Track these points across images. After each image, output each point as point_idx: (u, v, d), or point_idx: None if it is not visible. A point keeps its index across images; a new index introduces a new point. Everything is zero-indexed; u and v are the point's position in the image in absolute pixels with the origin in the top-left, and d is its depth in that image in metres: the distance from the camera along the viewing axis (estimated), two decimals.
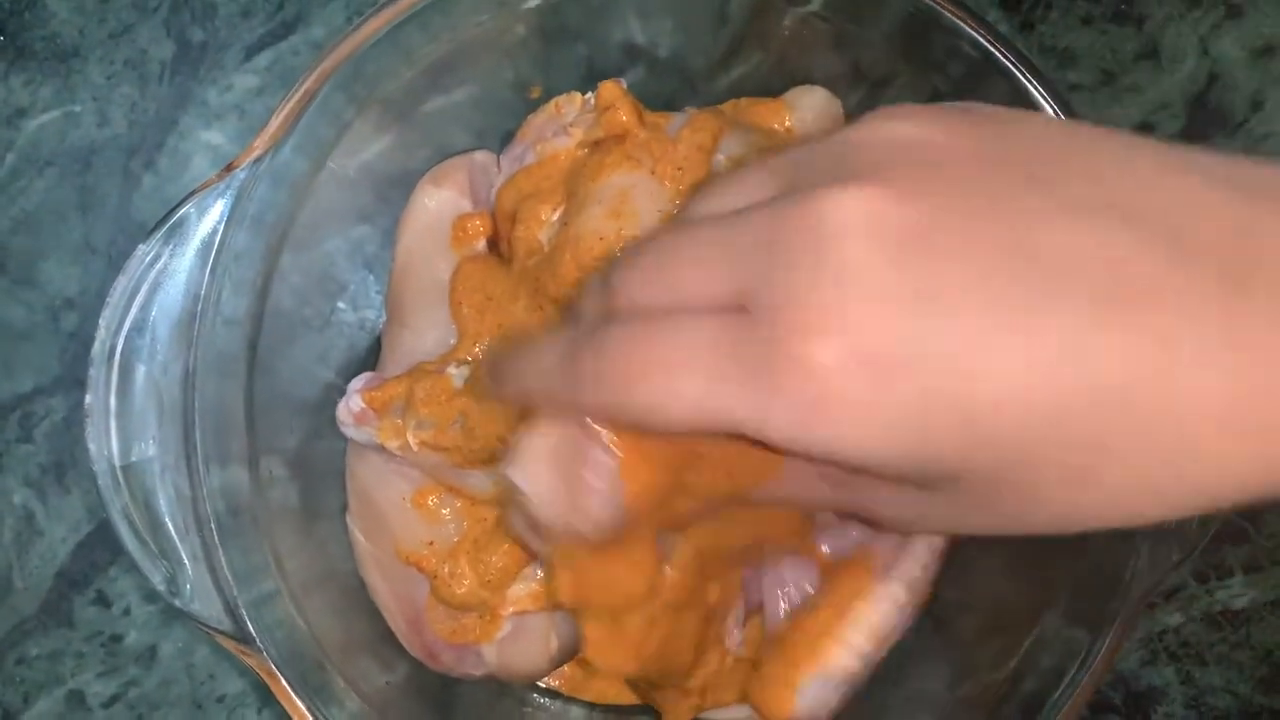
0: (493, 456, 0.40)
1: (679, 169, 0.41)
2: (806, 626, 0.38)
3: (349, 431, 0.43)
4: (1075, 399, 0.21)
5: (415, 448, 0.41)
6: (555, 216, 0.44)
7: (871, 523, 0.29)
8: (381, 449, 0.42)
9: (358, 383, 0.43)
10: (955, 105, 0.25)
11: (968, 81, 0.44)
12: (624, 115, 0.43)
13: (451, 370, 0.41)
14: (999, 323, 0.21)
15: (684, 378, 0.24)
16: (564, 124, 0.46)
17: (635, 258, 0.27)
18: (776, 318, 0.23)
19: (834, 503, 0.28)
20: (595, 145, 0.44)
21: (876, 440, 0.23)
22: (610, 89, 0.45)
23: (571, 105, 0.47)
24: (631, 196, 0.41)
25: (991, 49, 0.42)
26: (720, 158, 0.42)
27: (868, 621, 0.37)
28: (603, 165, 0.42)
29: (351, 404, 0.42)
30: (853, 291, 0.22)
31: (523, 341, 0.29)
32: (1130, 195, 0.22)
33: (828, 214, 0.22)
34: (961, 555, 0.49)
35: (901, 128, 0.24)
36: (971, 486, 0.24)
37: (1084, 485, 0.23)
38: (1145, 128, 0.58)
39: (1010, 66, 0.42)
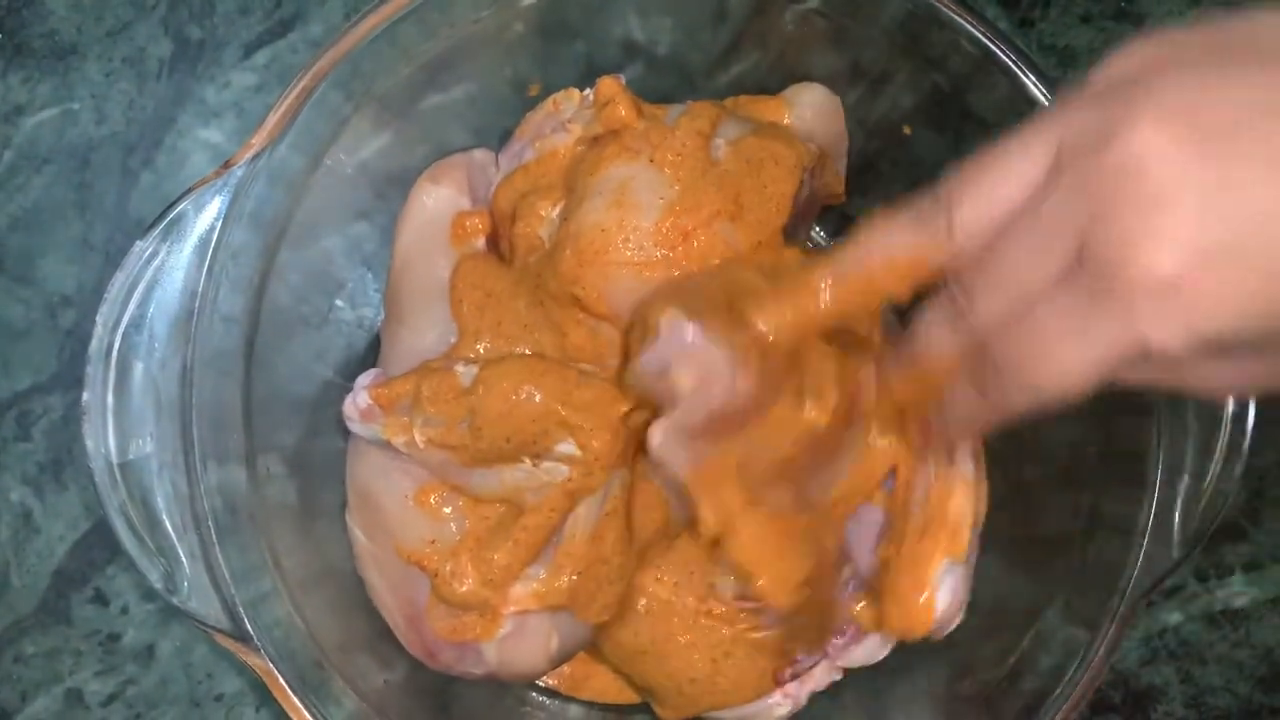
0: (499, 456, 0.40)
1: (677, 155, 0.41)
2: (905, 543, 0.41)
3: (355, 427, 0.43)
4: None
5: (422, 445, 0.41)
6: (555, 213, 0.44)
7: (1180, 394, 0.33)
8: (387, 446, 0.42)
9: (365, 379, 0.43)
10: (1174, 29, 0.29)
11: (967, 79, 0.44)
12: (622, 110, 0.43)
13: (460, 369, 0.41)
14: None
15: (1067, 351, 0.28)
16: (562, 120, 0.46)
17: (980, 281, 0.30)
18: (1118, 257, 0.26)
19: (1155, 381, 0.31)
20: (594, 141, 0.44)
21: (1237, 311, 0.26)
22: (608, 84, 0.44)
23: (570, 102, 0.47)
24: (631, 187, 0.41)
25: (991, 46, 0.42)
26: (719, 142, 0.42)
27: (955, 508, 0.40)
28: (601, 158, 0.42)
29: (359, 400, 0.42)
30: (1175, 207, 0.25)
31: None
32: None
33: (1122, 154, 0.26)
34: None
35: (1139, 54, 0.28)
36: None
37: None
38: None
39: (1010, 64, 0.42)
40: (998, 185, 0.30)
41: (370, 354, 0.48)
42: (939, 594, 0.41)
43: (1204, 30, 0.28)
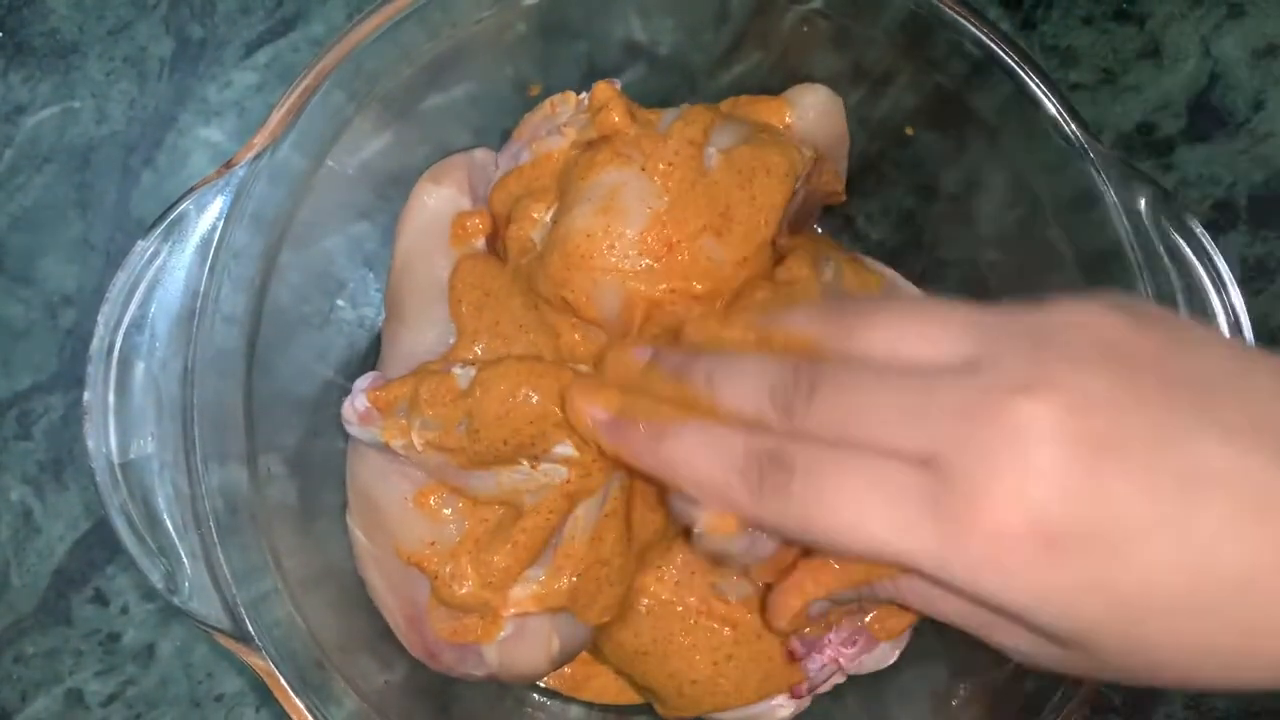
0: (497, 458, 0.40)
1: (669, 165, 0.41)
2: None
3: (353, 430, 0.43)
4: (1207, 584, 0.26)
5: (420, 448, 0.41)
6: (548, 216, 0.44)
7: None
8: (385, 448, 0.42)
9: (363, 382, 0.43)
10: (1139, 304, 0.31)
11: (969, 80, 0.44)
12: (616, 116, 0.43)
13: (457, 371, 0.41)
14: (1159, 518, 0.26)
15: (875, 515, 0.28)
16: (558, 124, 0.46)
17: (821, 387, 0.30)
18: (969, 486, 0.27)
19: (966, 625, 0.32)
20: (588, 145, 0.44)
21: (1036, 602, 0.27)
22: (603, 90, 0.44)
23: (566, 105, 0.47)
24: (621, 194, 0.41)
25: (993, 47, 0.42)
26: (711, 151, 0.42)
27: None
28: (593, 163, 0.42)
29: (357, 403, 0.42)
30: (1041, 484, 0.26)
31: (701, 424, 0.33)
32: (1272, 419, 0.27)
33: (1025, 418, 0.27)
34: None
35: (1096, 319, 0.29)
36: (1102, 650, 0.28)
37: (1206, 656, 0.27)
38: (1146, 127, 0.58)
39: (1012, 65, 0.42)
40: (913, 338, 0.30)
41: (371, 354, 0.48)
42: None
43: (1165, 333, 0.29)
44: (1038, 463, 0.26)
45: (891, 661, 0.47)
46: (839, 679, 0.46)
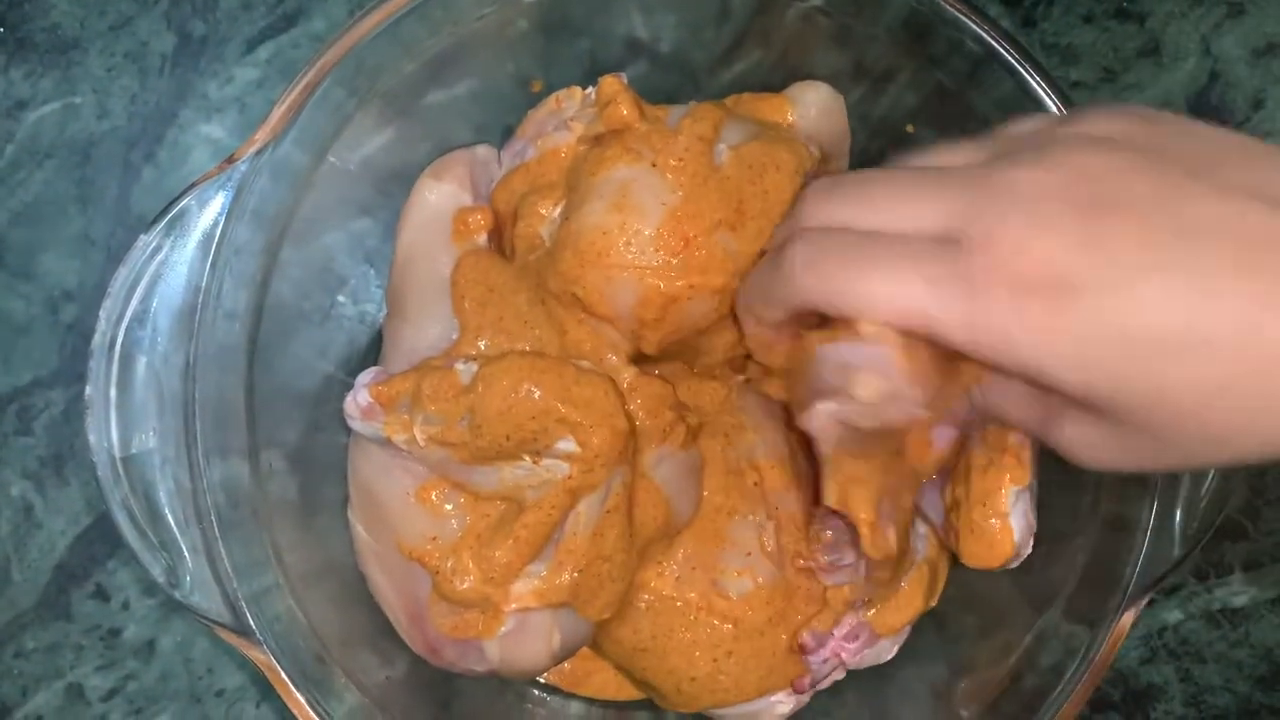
0: (500, 453, 0.40)
1: (680, 160, 0.41)
2: (973, 481, 0.42)
3: (356, 425, 0.43)
4: (1205, 322, 0.27)
5: (422, 443, 0.41)
6: (556, 212, 0.44)
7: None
8: (387, 443, 0.42)
9: (365, 377, 0.43)
10: (1140, 108, 0.32)
11: (970, 78, 0.44)
12: (624, 110, 0.43)
13: (460, 366, 0.41)
14: (1157, 263, 0.28)
15: (899, 277, 0.31)
16: (564, 119, 0.46)
17: (841, 186, 0.35)
18: (983, 247, 0.29)
19: (1028, 424, 0.35)
20: (596, 140, 0.44)
21: (1055, 356, 0.29)
22: (610, 84, 0.44)
23: (571, 100, 0.47)
24: (633, 190, 0.41)
25: (994, 45, 0.42)
26: (722, 147, 0.42)
27: (1015, 437, 0.41)
28: (603, 159, 0.42)
29: (359, 398, 0.42)
30: (1046, 235, 0.29)
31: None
32: (1273, 183, 0.28)
33: (1031, 182, 0.30)
34: None
35: (1093, 124, 0.31)
36: (1131, 409, 0.29)
37: (1220, 396, 0.28)
38: None
39: (1013, 62, 0.42)
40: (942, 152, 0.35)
41: (373, 350, 0.48)
42: (1014, 520, 0.42)
43: (1172, 124, 0.31)
44: (1042, 217, 0.29)
45: (890, 657, 0.47)
46: (839, 675, 0.46)
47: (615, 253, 0.41)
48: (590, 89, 0.47)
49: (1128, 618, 0.41)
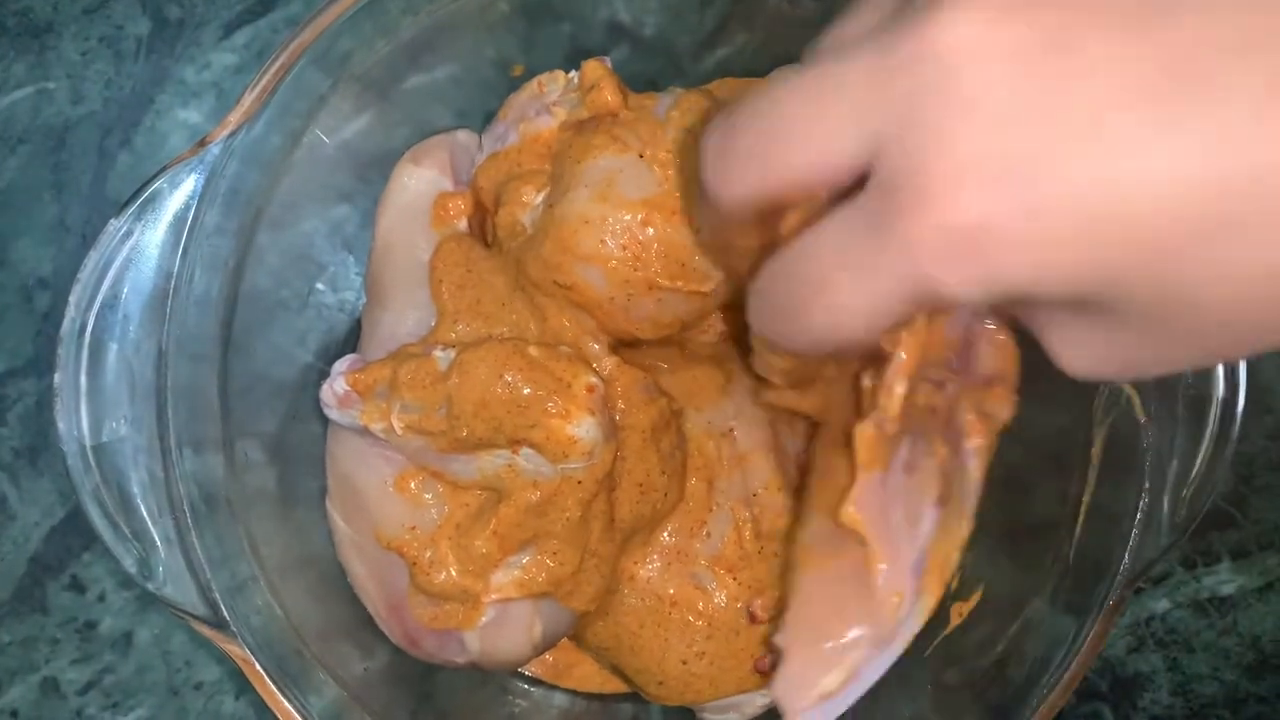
0: (478, 443, 0.40)
1: (668, 152, 0.41)
2: None
3: (332, 414, 0.42)
4: (1234, 186, 0.20)
5: (399, 431, 0.41)
6: (538, 199, 0.43)
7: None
8: (365, 432, 0.42)
9: (341, 365, 0.43)
10: None
11: None
12: (608, 95, 0.42)
13: (437, 353, 0.41)
14: (1144, 119, 0.20)
15: (844, 295, 0.24)
16: (547, 103, 0.45)
17: (736, 130, 0.26)
18: (907, 182, 0.22)
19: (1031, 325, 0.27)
20: (580, 125, 0.43)
21: (1040, 264, 0.22)
22: (594, 68, 0.44)
23: (555, 84, 0.46)
24: (618, 180, 0.41)
25: None
26: None
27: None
28: (589, 146, 0.42)
29: (335, 386, 0.42)
30: (980, 124, 0.21)
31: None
32: None
33: (938, 41, 0.21)
34: None
35: None
36: (1141, 304, 0.22)
37: (1244, 283, 0.21)
38: None
39: None
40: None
41: (351, 338, 0.48)
42: None
43: None
44: (964, 100, 0.21)
45: None
46: None
47: (598, 243, 0.40)
48: (573, 73, 0.46)
49: (1115, 607, 0.41)
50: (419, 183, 0.46)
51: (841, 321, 0.25)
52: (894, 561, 0.34)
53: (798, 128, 0.24)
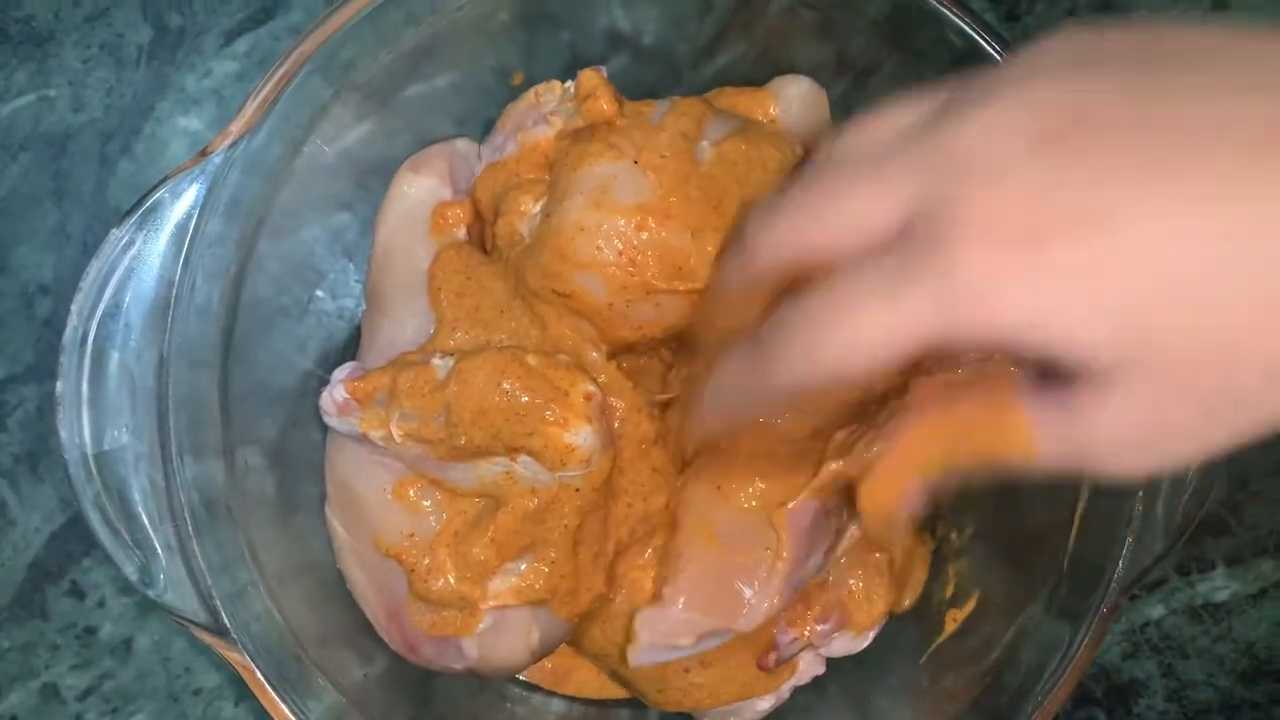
0: (476, 451, 0.40)
1: (662, 157, 0.41)
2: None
3: (332, 422, 0.43)
4: (1229, 246, 0.22)
5: (398, 439, 0.41)
6: (536, 208, 0.43)
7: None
8: (364, 439, 0.42)
9: (341, 373, 0.43)
10: (1090, 26, 0.27)
11: (953, 71, 0.44)
12: (604, 103, 0.43)
13: (436, 362, 0.41)
14: (1151, 182, 0.23)
15: (863, 314, 0.26)
16: (543, 113, 0.46)
17: (781, 204, 0.29)
18: (937, 227, 0.24)
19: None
20: (576, 134, 0.44)
21: (1047, 314, 0.24)
22: (590, 77, 0.44)
23: (551, 94, 0.47)
24: (613, 187, 0.41)
25: (977, 39, 0.42)
26: (704, 144, 0.42)
27: None
28: (585, 154, 0.42)
29: (335, 394, 0.42)
30: (1011, 183, 0.24)
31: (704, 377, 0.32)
32: (1271, 74, 0.24)
33: (982, 127, 0.24)
34: (943, 549, 0.48)
35: (1043, 52, 0.26)
36: (1168, 354, 0.24)
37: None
38: None
39: (996, 56, 0.42)
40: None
41: (351, 346, 0.48)
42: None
43: (1136, 30, 0.27)
44: (1002, 163, 0.24)
45: (863, 646, 0.46)
46: (817, 669, 0.46)
47: (594, 249, 0.40)
48: (569, 83, 0.46)
49: (1111, 614, 0.41)
50: (418, 191, 0.46)
51: (863, 341, 0.26)
52: (788, 574, 0.41)
53: (856, 188, 0.27)
